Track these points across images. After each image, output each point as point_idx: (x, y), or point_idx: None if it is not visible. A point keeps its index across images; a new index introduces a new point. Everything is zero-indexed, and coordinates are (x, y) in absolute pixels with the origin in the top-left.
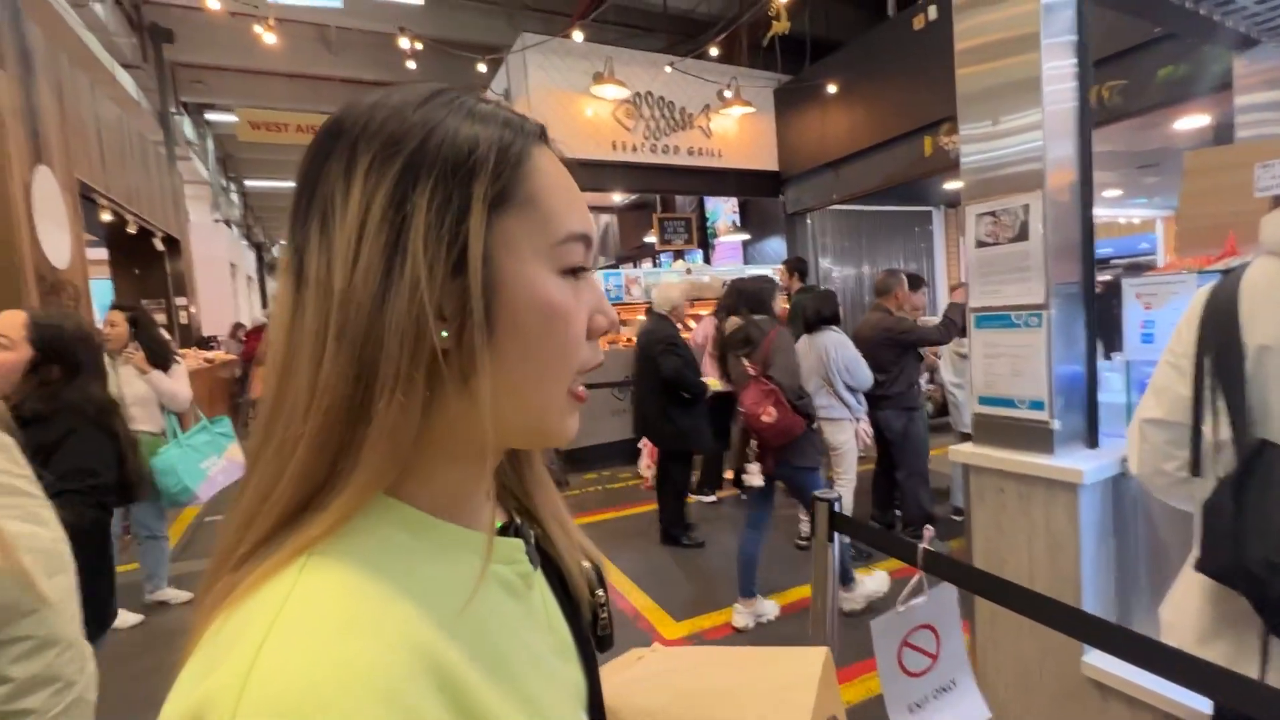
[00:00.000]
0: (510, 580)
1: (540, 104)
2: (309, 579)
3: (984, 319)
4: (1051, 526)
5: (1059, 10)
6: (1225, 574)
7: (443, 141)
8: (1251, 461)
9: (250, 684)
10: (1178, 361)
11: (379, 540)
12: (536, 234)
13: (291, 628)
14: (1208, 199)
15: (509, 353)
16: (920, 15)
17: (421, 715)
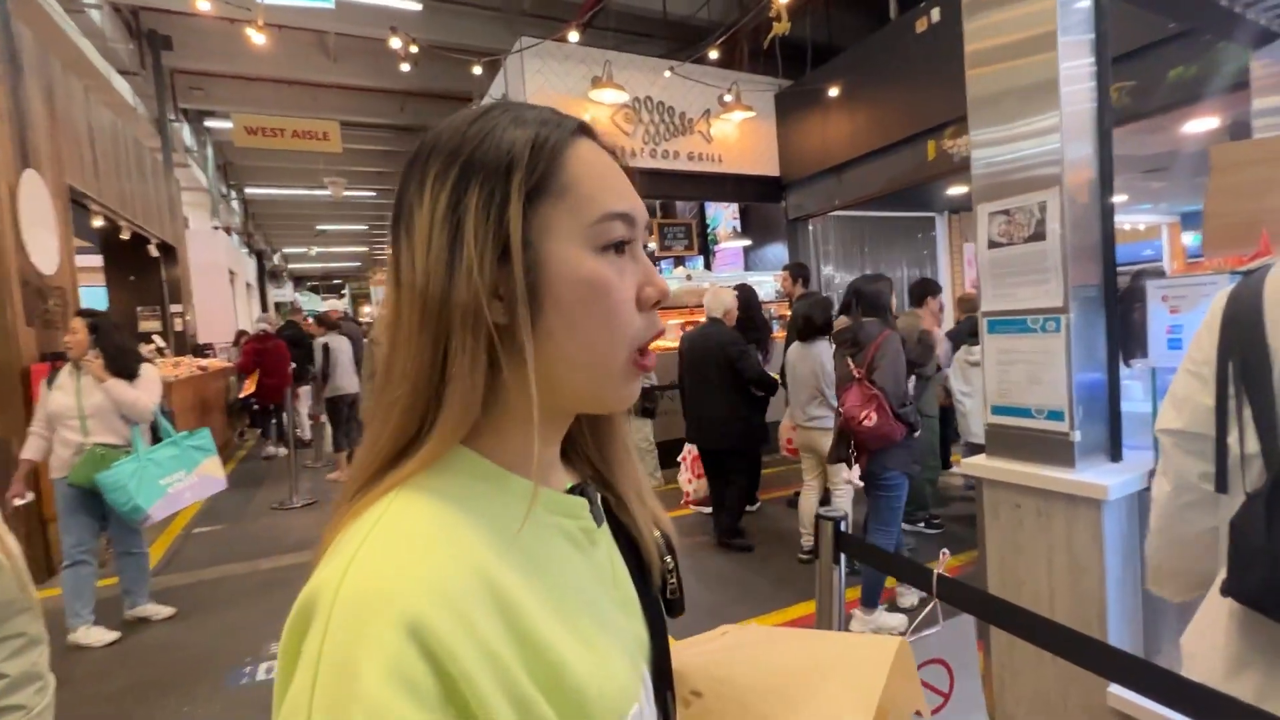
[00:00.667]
0: (573, 533)
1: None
2: (396, 507)
3: (997, 323)
4: (1073, 546)
5: (1075, 7)
6: (1257, 597)
7: (489, 147)
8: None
9: (345, 579)
10: (1198, 369)
11: (455, 482)
12: (573, 217)
13: (378, 542)
14: (1238, 195)
15: (557, 326)
16: (923, 18)
17: (472, 621)
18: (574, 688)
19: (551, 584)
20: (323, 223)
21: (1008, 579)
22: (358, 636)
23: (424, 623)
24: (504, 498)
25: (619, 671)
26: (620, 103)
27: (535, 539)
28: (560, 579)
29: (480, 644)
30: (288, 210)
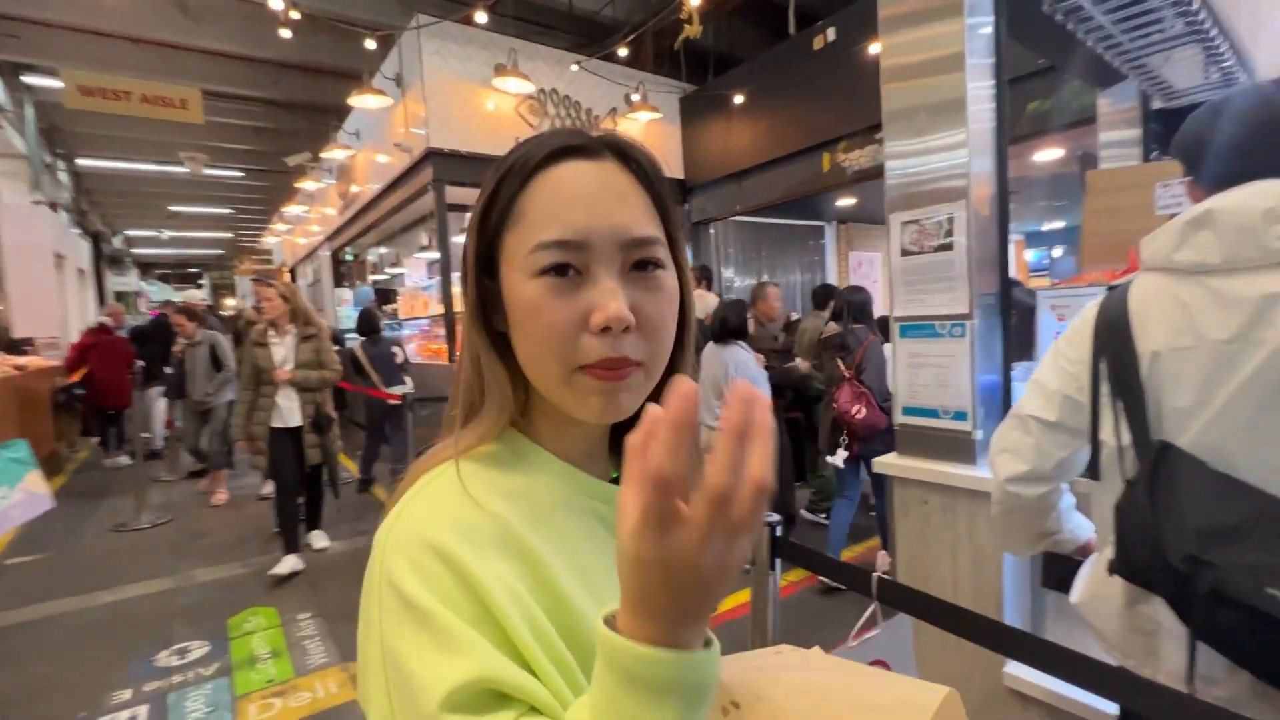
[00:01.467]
0: (609, 518)
1: (436, 92)
2: (445, 474)
3: (908, 328)
4: (975, 538)
5: (979, 33)
6: (1143, 574)
7: (483, 186)
8: (1157, 463)
9: (393, 528)
10: (1072, 367)
11: (501, 456)
12: (520, 244)
13: (421, 500)
14: (1110, 216)
15: (518, 341)
16: (820, 36)
17: (489, 558)
18: (585, 638)
19: (580, 557)
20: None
21: (916, 571)
22: (395, 558)
23: (443, 544)
24: (545, 477)
25: None
26: (526, 93)
27: (568, 517)
28: (590, 556)
29: (493, 570)
30: (134, 187)
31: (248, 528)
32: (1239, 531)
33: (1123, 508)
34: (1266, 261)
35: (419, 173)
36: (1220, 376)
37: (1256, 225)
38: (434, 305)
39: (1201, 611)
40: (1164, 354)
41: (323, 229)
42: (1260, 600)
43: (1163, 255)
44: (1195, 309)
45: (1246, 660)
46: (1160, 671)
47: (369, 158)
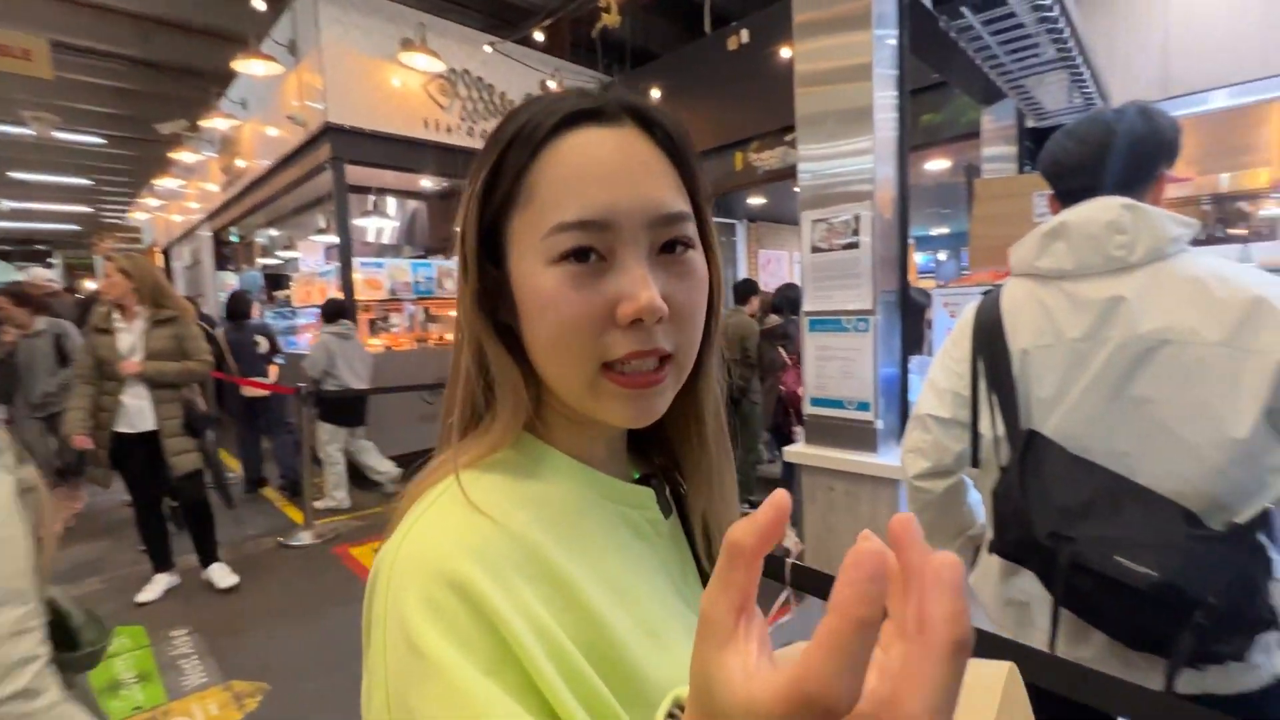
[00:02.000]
0: (637, 522)
1: (336, 63)
2: (455, 486)
3: (817, 323)
4: (876, 522)
5: (885, 44)
6: (1015, 551)
7: (479, 158)
8: (1025, 449)
9: (401, 548)
10: (957, 365)
11: (516, 463)
12: (532, 228)
13: (432, 515)
14: (995, 222)
15: (530, 336)
16: (734, 37)
17: (509, 583)
18: (629, 668)
19: (611, 571)
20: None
21: (821, 555)
22: (404, 587)
23: (460, 575)
24: (563, 483)
25: (680, 657)
26: (435, 72)
27: (594, 526)
28: (621, 568)
29: (517, 601)
30: None
31: (110, 540)
32: (1091, 507)
33: (998, 492)
34: (1109, 268)
35: (315, 149)
36: (1075, 371)
37: (1100, 235)
38: (332, 292)
39: (1064, 581)
40: (1031, 351)
41: (203, 206)
42: (1110, 567)
43: (1026, 263)
44: (1054, 310)
45: (1101, 622)
46: (1032, 640)
47: (257, 130)
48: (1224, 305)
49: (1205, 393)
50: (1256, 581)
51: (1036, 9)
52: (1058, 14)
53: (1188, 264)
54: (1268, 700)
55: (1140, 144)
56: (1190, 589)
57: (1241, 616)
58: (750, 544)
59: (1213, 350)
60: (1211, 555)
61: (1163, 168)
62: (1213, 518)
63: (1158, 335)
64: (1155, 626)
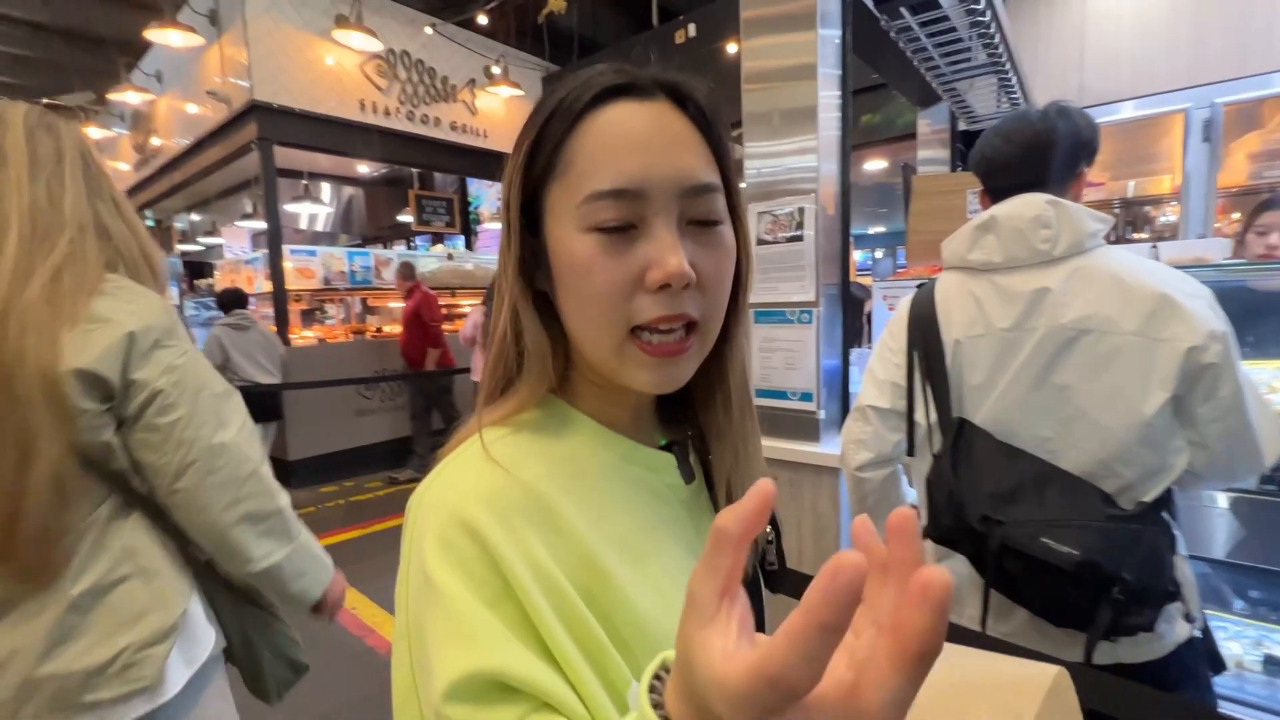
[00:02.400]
0: (657, 486)
1: (263, 37)
2: (483, 436)
3: (762, 314)
4: (817, 510)
5: (828, 44)
6: (949, 536)
7: (523, 131)
8: (957, 438)
9: (427, 492)
10: (894, 357)
11: (541, 423)
12: (568, 197)
13: (456, 465)
14: (931, 217)
15: (564, 302)
16: (682, 30)
17: (513, 526)
18: (633, 622)
19: (621, 526)
20: None
21: None
22: (425, 526)
23: (470, 518)
24: (585, 441)
25: None
26: (372, 52)
27: (612, 484)
28: (631, 522)
29: (518, 543)
30: None
31: None
32: (1019, 491)
33: (931, 479)
34: (1035, 260)
35: (240, 128)
36: (1004, 360)
37: (1027, 230)
38: (260, 281)
39: (994, 563)
40: (963, 342)
41: None
42: (1037, 548)
43: (958, 256)
44: (985, 301)
45: (1027, 601)
46: (963, 617)
47: (175, 106)
48: (1137, 298)
49: (1120, 378)
50: (1163, 557)
51: (970, 13)
52: (989, 19)
53: (1105, 259)
54: (1169, 666)
55: (1061, 143)
56: (1108, 566)
57: (1152, 590)
58: (735, 531)
59: (1127, 339)
60: (1126, 534)
61: (1083, 165)
62: (1123, 497)
63: (1079, 325)
64: (1077, 603)
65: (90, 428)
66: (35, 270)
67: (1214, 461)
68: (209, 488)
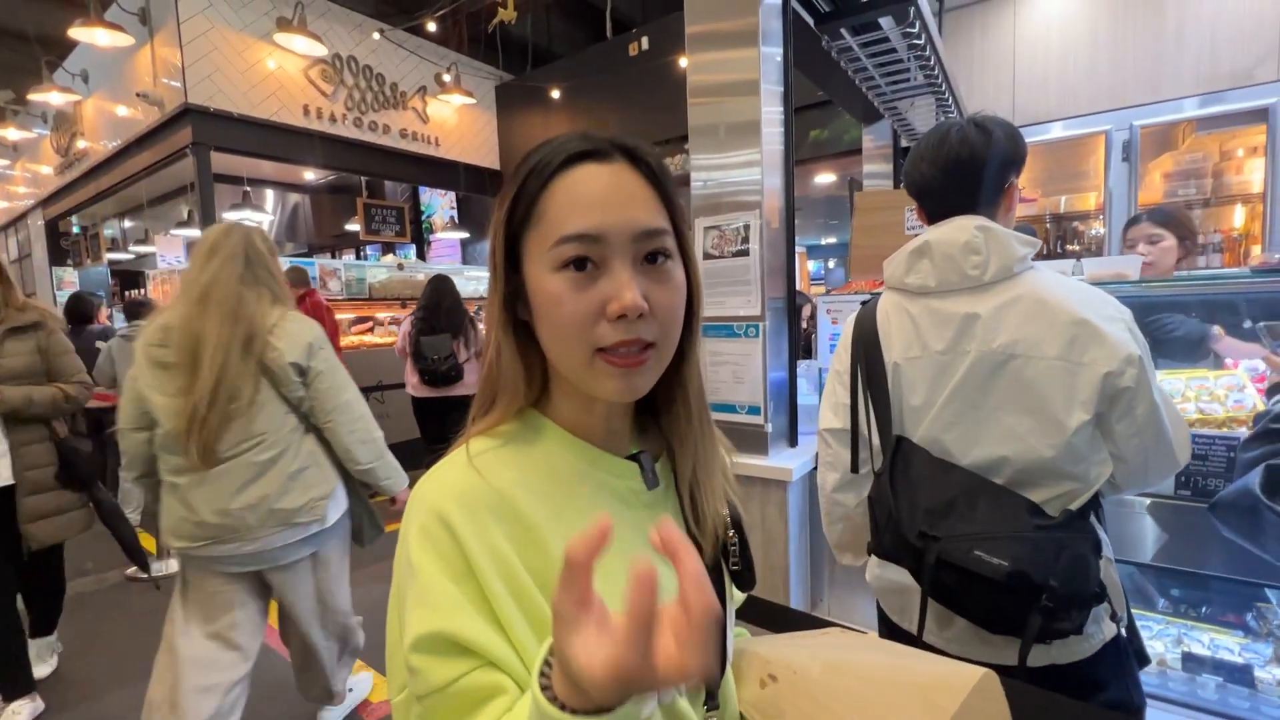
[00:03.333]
0: (622, 491)
1: (198, 39)
2: (469, 446)
3: (710, 328)
4: (766, 522)
5: (770, 62)
6: (891, 552)
7: (507, 184)
8: (895, 455)
9: (419, 486)
10: (841, 377)
11: (519, 433)
12: (541, 241)
13: (443, 467)
14: (873, 233)
15: (541, 328)
16: (634, 43)
17: (482, 522)
18: None
19: (580, 521)
20: None
21: None
22: (411, 518)
23: (445, 510)
24: (556, 449)
25: None
26: (317, 56)
27: (578, 488)
28: (591, 520)
29: (484, 537)
30: None
31: None
32: (952, 506)
33: (873, 497)
34: (966, 285)
35: (174, 132)
36: (940, 381)
37: (958, 256)
38: None
39: (931, 576)
40: (901, 364)
41: (33, 191)
42: (970, 561)
43: (897, 279)
44: (922, 324)
45: (964, 610)
46: (912, 623)
47: (102, 107)
48: (1059, 324)
49: (1044, 400)
50: (1088, 562)
51: (905, 35)
52: (924, 42)
53: (1033, 283)
54: (1098, 663)
55: (982, 161)
56: (1036, 575)
57: (1078, 596)
58: (580, 557)
59: (1051, 364)
60: (1052, 543)
61: (1010, 178)
62: (1051, 506)
63: (1007, 350)
64: (1009, 611)
65: (295, 384)
66: (268, 313)
67: (1132, 471)
68: (341, 422)
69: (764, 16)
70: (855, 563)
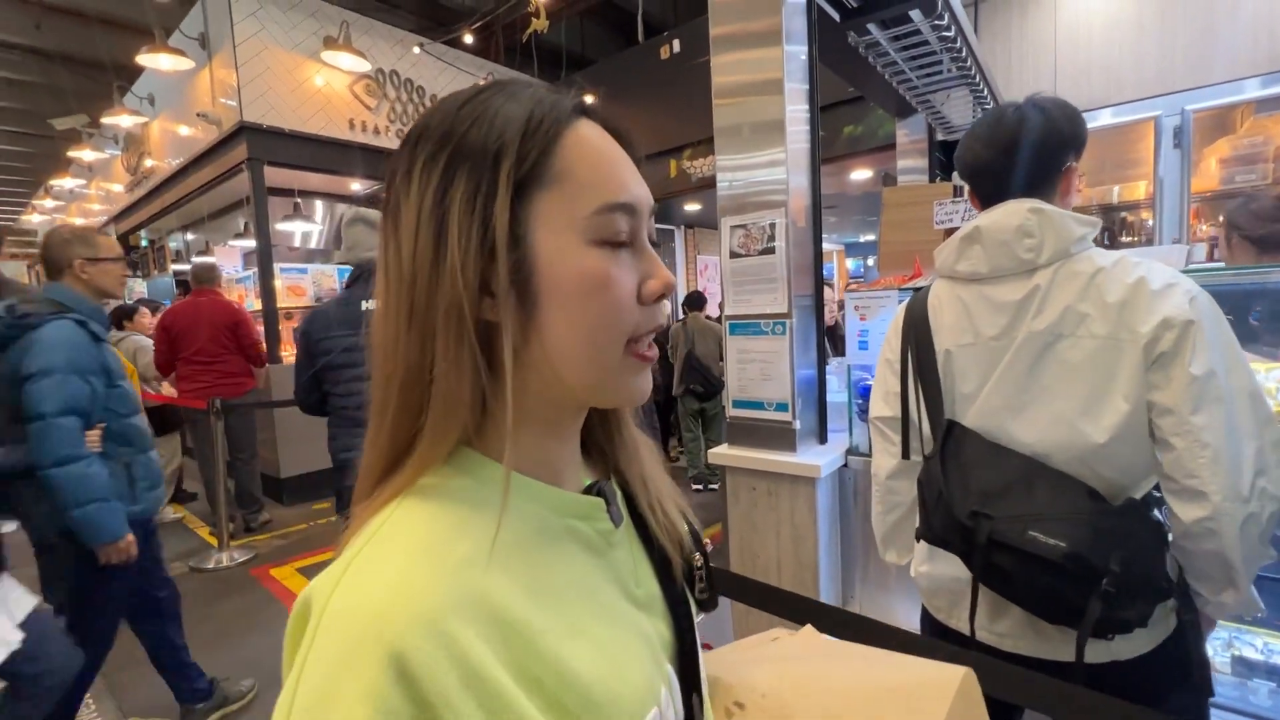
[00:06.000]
0: (588, 537)
1: (252, 59)
2: (396, 516)
3: (737, 326)
4: (795, 519)
5: (795, 60)
6: (940, 534)
7: (478, 132)
8: (947, 438)
9: (336, 591)
10: (892, 365)
11: (459, 486)
12: (568, 207)
13: (372, 555)
14: (902, 228)
15: (557, 321)
16: (666, 46)
17: (459, 645)
18: (581, 695)
19: (558, 591)
20: None
21: (745, 553)
22: (340, 660)
23: (406, 653)
24: (512, 501)
25: (634, 676)
26: (361, 72)
27: (545, 547)
28: (568, 584)
29: (465, 668)
30: None
31: None
32: (1010, 488)
33: (923, 480)
34: (1019, 270)
35: (230, 149)
36: (991, 368)
37: (1010, 240)
38: (251, 299)
39: (982, 558)
40: (953, 351)
41: (106, 208)
42: (1025, 542)
43: (948, 266)
44: (973, 310)
45: (1018, 597)
46: (961, 619)
47: (167, 127)
48: (1112, 299)
49: (1094, 382)
50: (1153, 551)
51: (935, 27)
52: (954, 33)
53: (1088, 261)
54: (1155, 660)
55: (1040, 143)
56: (1095, 558)
57: (1145, 584)
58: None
59: (1101, 343)
60: (1114, 527)
61: (1068, 160)
62: (1111, 494)
63: (1053, 330)
64: (1067, 596)
65: None
66: None
67: (1180, 460)
68: None
69: (787, 15)
70: (899, 560)
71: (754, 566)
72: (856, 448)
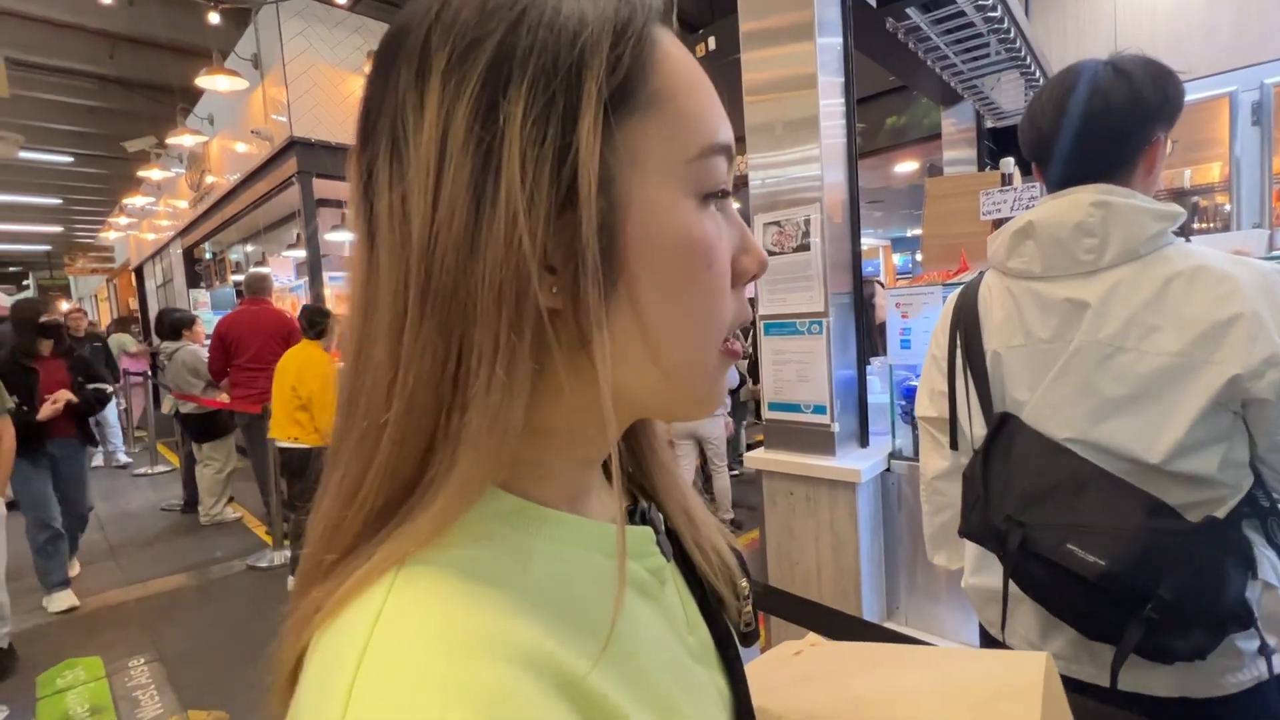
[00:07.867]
0: (642, 578)
1: (300, 76)
2: (401, 595)
3: (772, 326)
4: (835, 525)
5: (829, 52)
6: (978, 534)
7: (539, 24)
8: (996, 432)
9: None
10: (940, 362)
11: (485, 541)
12: (670, 145)
13: (384, 657)
14: (946, 220)
15: (644, 305)
16: (701, 44)
17: None
18: None
19: (639, 664)
20: None
21: (783, 560)
22: None
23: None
24: (556, 551)
25: None
26: None
27: (598, 598)
28: (637, 646)
29: None
30: None
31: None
32: (1054, 491)
33: (966, 474)
34: (1075, 271)
35: (281, 163)
36: (1044, 371)
37: (1067, 239)
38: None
39: (1011, 566)
40: (1002, 352)
41: (173, 223)
42: (1061, 555)
43: (999, 260)
44: (1025, 309)
45: (1056, 609)
46: (1015, 634)
47: (225, 145)
48: (1189, 314)
49: (1159, 401)
50: (1225, 575)
51: (980, 8)
52: (1001, 14)
53: (1163, 263)
54: (1237, 708)
55: (1120, 118)
56: (1139, 581)
57: (1203, 612)
58: None
59: (1169, 361)
60: (1172, 548)
61: (1156, 133)
62: (1191, 511)
63: (1114, 342)
64: (1107, 617)
65: None
66: None
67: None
68: None
69: (820, 6)
70: (949, 565)
71: (792, 574)
72: (900, 451)
